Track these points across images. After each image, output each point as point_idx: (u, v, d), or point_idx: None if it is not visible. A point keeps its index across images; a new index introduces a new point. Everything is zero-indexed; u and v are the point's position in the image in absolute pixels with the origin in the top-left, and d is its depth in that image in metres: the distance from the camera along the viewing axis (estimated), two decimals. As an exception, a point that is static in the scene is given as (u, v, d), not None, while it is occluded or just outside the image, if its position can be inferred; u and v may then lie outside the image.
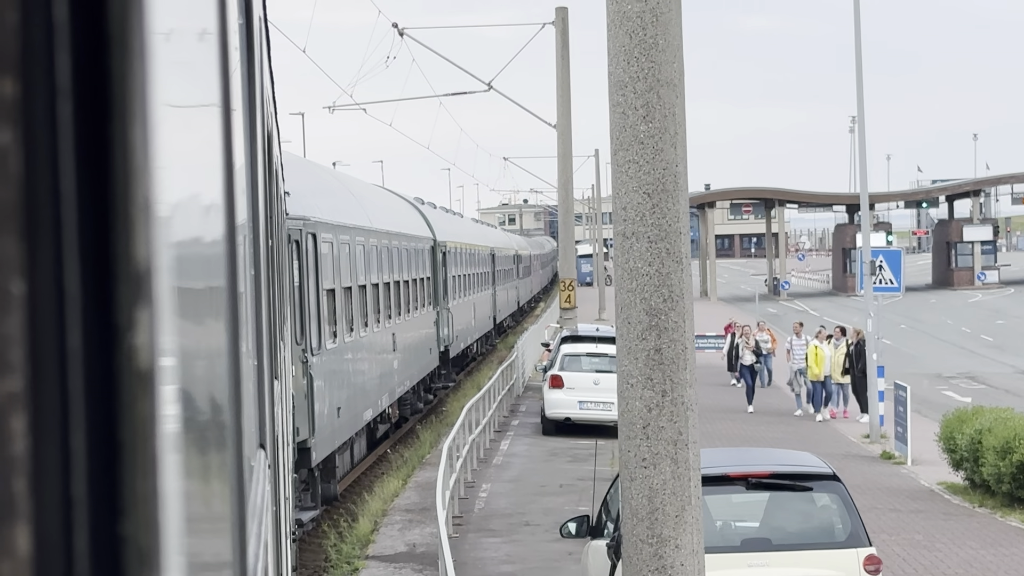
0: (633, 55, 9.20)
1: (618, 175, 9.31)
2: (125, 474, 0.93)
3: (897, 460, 28.00)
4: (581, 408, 31.31)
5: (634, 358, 9.16)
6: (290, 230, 19.67)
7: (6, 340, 0.87)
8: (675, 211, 9.19)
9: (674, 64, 9.25)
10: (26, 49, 0.87)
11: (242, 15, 3.41)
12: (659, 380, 9.09)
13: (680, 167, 9.24)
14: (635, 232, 9.17)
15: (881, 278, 31.99)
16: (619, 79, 9.28)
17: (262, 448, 4.23)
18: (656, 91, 9.16)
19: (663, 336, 9.11)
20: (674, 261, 9.19)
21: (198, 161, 1.56)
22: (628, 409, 9.19)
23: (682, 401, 9.13)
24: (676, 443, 9.08)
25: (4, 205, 0.86)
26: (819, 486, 13.14)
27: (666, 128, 9.18)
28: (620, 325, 9.31)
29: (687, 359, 9.19)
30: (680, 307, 9.18)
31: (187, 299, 1.31)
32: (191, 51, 1.47)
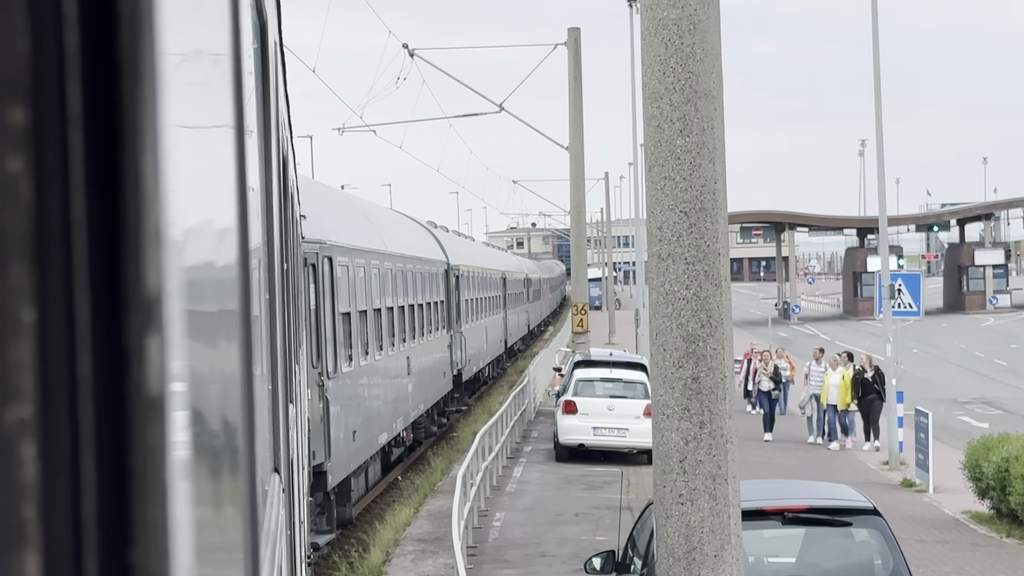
0: (669, 65, 8.71)
1: (653, 192, 8.82)
2: (135, 500, 0.93)
3: (918, 488, 27.54)
4: (595, 434, 30.84)
5: (670, 387, 8.67)
6: (306, 253, 19.73)
7: (17, 366, 0.87)
8: (714, 231, 8.70)
9: (712, 75, 8.77)
10: (37, 77, 0.87)
11: (257, 40, 3.42)
12: (697, 411, 8.60)
13: (719, 184, 8.75)
14: (671, 253, 8.69)
15: (900, 302, 31.64)
16: (654, 90, 8.79)
17: (276, 472, 4.23)
18: (694, 103, 8.68)
19: (701, 364, 8.62)
20: (713, 284, 8.68)
21: (211, 186, 1.56)
22: (664, 442, 8.69)
23: (721, 433, 8.62)
24: (715, 478, 8.61)
25: (15, 232, 0.87)
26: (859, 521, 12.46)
27: (704, 143, 8.68)
28: (655, 352, 8.81)
29: (726, 389, 8.70)
30: (719, 333, 8.68)
31: (199, 324, 1.31)
32: (203, 77, 1.47)
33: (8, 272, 0.87)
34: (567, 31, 38.63)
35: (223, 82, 1.82)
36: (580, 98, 38.50)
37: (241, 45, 2.22)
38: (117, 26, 0.92)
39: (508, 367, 61.88)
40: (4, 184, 0.86)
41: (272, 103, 4.35)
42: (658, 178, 8.75)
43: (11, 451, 0.87)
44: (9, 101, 0.86)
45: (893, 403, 30.41)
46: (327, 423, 20.71)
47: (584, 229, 40.81)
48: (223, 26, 1.85)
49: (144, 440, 0.94)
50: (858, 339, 75.41)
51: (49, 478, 0.88)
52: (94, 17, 0.91)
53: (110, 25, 0.92)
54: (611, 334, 76.47)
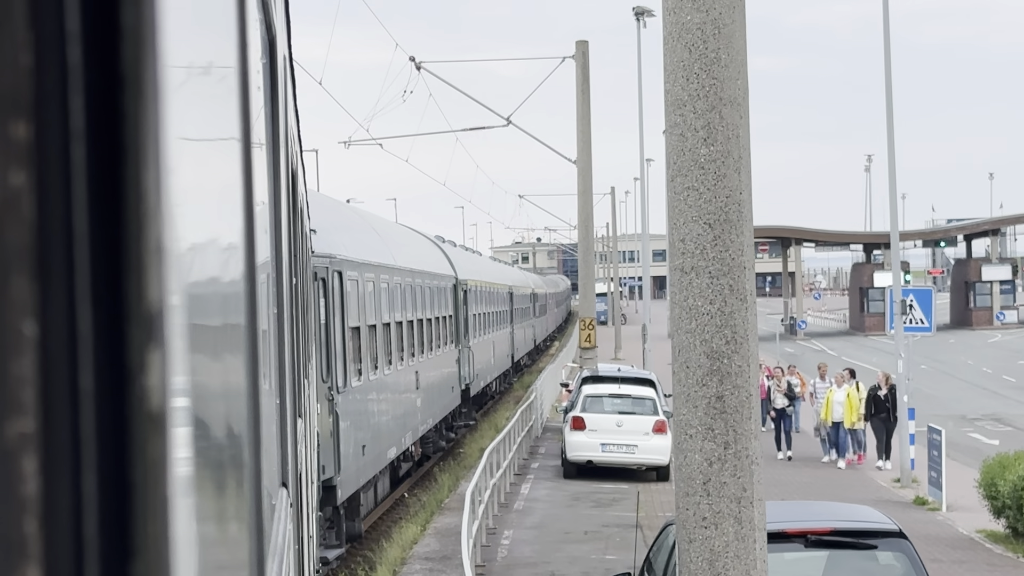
0: (693, 71, 8.38)
1: (675, 203, 8.46)
2: (136, 515, 0.93)
3: (931, 506, 27.24)
4: (604, 451, 30.46)
5: (693, 406, 8.31)
6: (316, 268, 19.75)
7: (18, 381, 0.87)
8: (739, 243, 8.38)
9: (738, 81, 8.42)
10: (40, 91, 0.87)
11: (266, 55, 3.42)
12: (721, 431, 8.25)
13: (744, 195, 8.41)
14: (695, 267, 8.35)
15: (911, 318, 31.34)
16: (677, 97, 8.44)
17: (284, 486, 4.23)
18: (718, 110, 8.33)
19: (725, 382, 8.27)
20: (738, 299, 8.35)
21: (216, 200, 1.56)
22: (687, 463, 8.34)
23: (746, 454, 8.29)
24: (740, 501, 8.27)
25: (17, 247, 0.87)
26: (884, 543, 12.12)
27: (729, 151, 8.34)
28: (678, 369, 8.46)
29: (752, 408, 8.35)
30: (744, 350, 8.35)
31: (202, 338, 1.31)
32: (208, 91, 1.47)
33: (10, 285, 0.87)
34: (575, 44, 38.36)
35: (229, 96, 1.82)
36: (588, 111, 38.27)
37: (248, 60, 2.22)
38: (120, 41, 0.92)
39: (514, 382, 61.85)
40: (7, 198, 0.86)
41: (281, 118, 4.35)
42: (681, 188, 8.44)
43: (13, 465, 0.87)
44: (12, 115, 0.86)
45: (905, 420, 30.11)
46: (337, 437, 20.71)
47: (592, 243, 40.51)
48: (229, 41, 1.85)
49: (145, 454, 0.94)
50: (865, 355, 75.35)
51: (50, 492, 0.88)
52: (97, 32, 0.91)
53: (113, 40, 0.92)
54: (617, 349, 76.37)
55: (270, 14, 3.47)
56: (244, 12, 2.13)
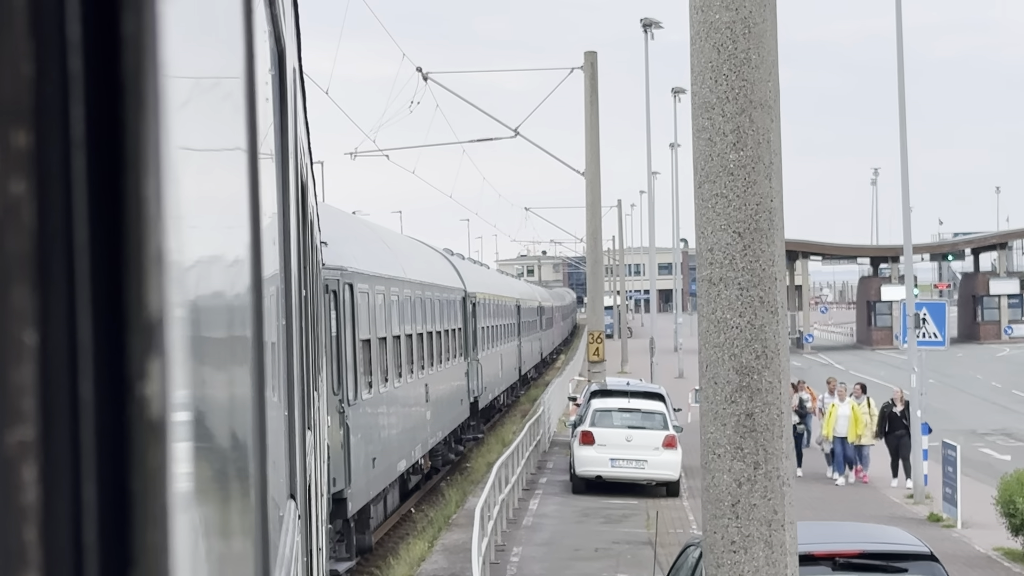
0: (722, 72, 8.03)
1: (703, 211, 8.11)
2: (136, 524, 0.93)
3: (946, 523, 26.70)
4: (613, 466, 30.12)
5: (721, 424, 7.96)
6: (327, 280, 19.79)
7: (18, 389, 0.87)
8: (770, 253, 8.02)
9: (769, 83, 8.08)
10: (40, 100, 0.87)
11: (275, 67, 3.43)
12: (751, 450, 7.91)
13: (776, 202, 8.07)
14: (723, 278, 8.01)
15: (925, 331, 30.67)
16: (705, 100, 8.10)
17: (292, 498, 4.23)
18: (748, 114, 7.99)
19: (755, 399, 7.92)
20: (768, 311, 7.98)
21: (221, 211, 1.56)
22: (714, 484, 8.01)
23: (777, 475, 7.93)
24: (770, 524, 7.91)
25: (17, 255, 0.87)
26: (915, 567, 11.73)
27: (760, 157, 7.99)
28: (705, 385, 8.14)
29: (783, 426, 8.00)
30: (775, 365, 7.98)
31: (206, 348, 1.31)
32: (213, 101, 1.47)
33: (10, 294, 0.87)
34: (584, 55, 37.91)
35: (235, 107, 1.82)
36: (596, 123, 37.91)
37: (255, 71, 2.23)
38: (120, 50, 0.92)
39: (521, 395, 61.82)
40: (7, 207, 0.87)
41: (290, 129, 4.36)
42: (709, 195, 8.10)
43: (12, 474, 0.87)
44: (12, 124, 0.87)
45: (918, 435, 29.66)
46: (347, 450, 20.72)
47: (601, 256, 39.99)
48: (235, 52, 1.86)
49: (145, 463, 0.94)
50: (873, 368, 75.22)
51: (50, 501, 0.88)
52: (97, 41, 0.91)
53: (113, 49, 0.92)
54: (624, 363, 76.26)
55: (279, 26, 3.47)
56: (251, 24, 2.14)
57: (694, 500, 29.18)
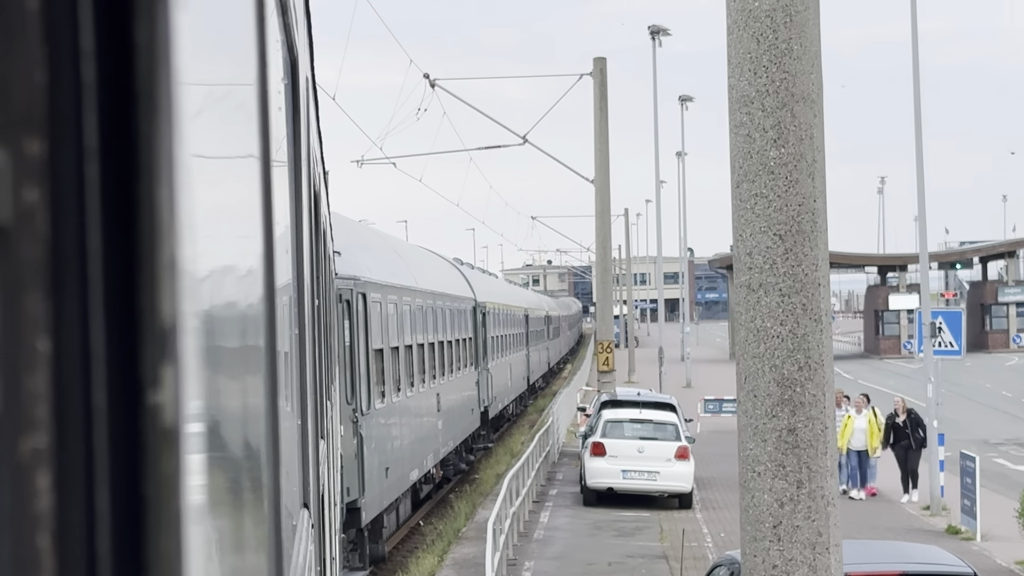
0: (761, 64, 7.61)
1: (741, 212, 7.69)
2: (149, 531, 0.94)
3: (965, 535, 26.07)
4: (624, 477, 29.65)
5: (761, 440, 7.53)
6: (341, 290, 19.83)
7: (32, 397, 0.87)
8: (813, 257, 7.57)
9: (811, 75, 7.63)
10: (54, 108, 0.88)
11: (288, 76, 3.44)
12: (794, 468, 7.48)
13: (819, 202, 7.62)
14: (763, 283, 7.59)
15: (941, 340, 30.12)
16: (743, 93, 7.67)
17: (306, 507, 4.23)
18: (790, 108, 7.56)
19: (798, 413, 7.49)
20: (812, 319, 7.54)
21: (234, 219, 1.56)
22: (754, 504, 7.57)
23: (822, 494, 7.50)
24: (815, 547, 7.47)
25: (31, 263, 0.87)
26: None
27: (802, 154, 7.56)
28: (743, 399, 7.69)
29: (827, 442, 7.56)
30: (819, 377, 7.53)
31: (219, 357, 1.31)
32: (226, 110, 1.48)
33: (24, 301, 0.87)
34: (593, 61, 37.72)
35: (248, 116, 1.83)
36: (606, 130, 37.56)
37: (268, 80, 2.23)
38: (134, 58, 0.93)
39: (529, 405, 61.78)
40: (21, 214, 0.87)
41: (303, 138, 4.37)
42: (747, 195, 7.66)
43: (26, 481, 0.87)
44: (26, 132, 0.87)
45: (935, 445, 29.09)
46: (361, 460, 20.75)
47: (610, 264, 39.76)
48: (248, 61, 1.86)
49: (158, 470, 0.94)
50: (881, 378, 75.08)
51: (63, 508, 0.88)
52: (110, 50, 0.92)
53: (127, 57, 0.93)
54: (631, 372, 76.04)
55: (292, 36, 3.48)
56: (264, 33, 2.15)
57: (707, 512, 29.01)
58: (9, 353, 0.86)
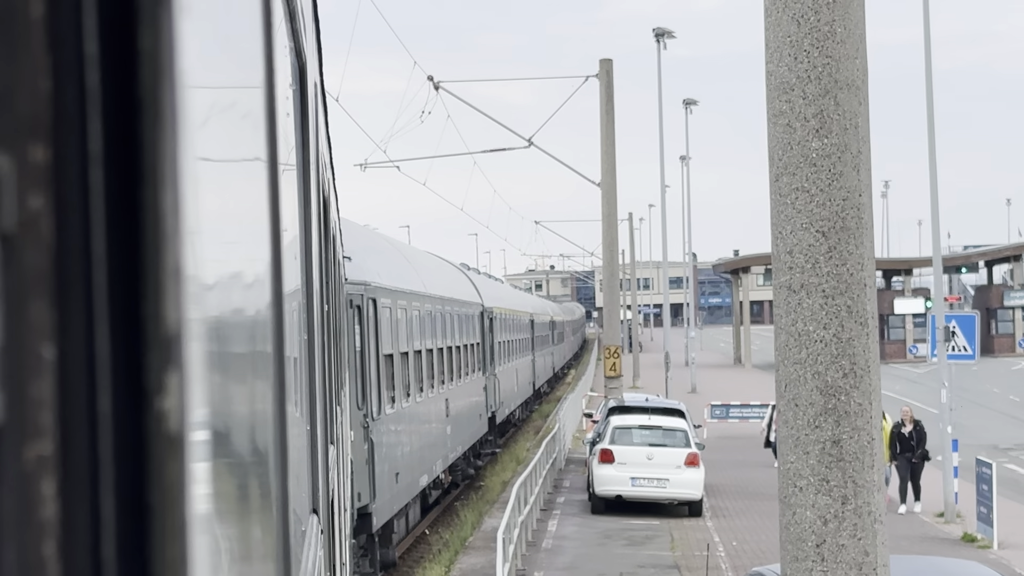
0: (802, 48, 7.14)
1: (781, 208, 7.27)
2: (155, 538, 0.93)
3: (982, 543, 25.61)
4: (634, 485, 29.18)
5: (803, 452, 7.09)
6: (351, 295, 19.86)
7: (37, 403, 0.87)
8: (858, 256, 7.13)
9: (856, 60, 7.17)
10: (58, 115, 0.88)
11: (296, 82, 3.44)
12: (838, 482, 7.05)
13: (864, 197, 7.19)
14: (805, 284, 7.16)
15: (955, 344, 29.57)
16: (782, 80, 7.22)
17: (315, 513, 4.23)
18: (833, 95, 7.11)
19: (843, 423, 7.05)
20: (857, 323, 7.11)
21: (241, 225, 1.56)
22: (796, 521, 7.13)
23: (868, 511, 7.08)
24: (861, 567, 7.08)
25: (36, 270, 0.87)
26: None
27: (846, 144, 7.11)
28: (784, 408, 7.26)
29: (874, 454, 7.13)
30: (865, 384, 7.10)
31: (226, 363, 1.31)
32: (233, 116, 1.48)
33: (29, 308, 0.87)
34: (599, 63, 37.40)
35: (255, 122, 1.83)
36: (612, 132, 37.32)
37: (275, 86, 2.23)
38: (138, 65, 0.93)
39: (534, 411, 61.74)
40: (26, 221, 0.87)
41: (312, 144, 4.37)
42: (788, 189, 7.23)
43: (31, 488, 0.87)
44: (31, 139, 0.87)
45: (948, 451, 28.62)
46: (372, 465, 20.76)
47: (617, 268, 39.18)
48: (255, 67, 1.86)
49: (164, 477, 0.94)
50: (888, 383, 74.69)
51: (69, 515, 0.88)
52: (115, 56, 0.92)
53: (131, 64, 0.93)
54: (636, 378, 75.93)
55: (300, 42, 3.49)
56: (272, 39, 2.15)
57: (717, 520, 28.77)
58: (14, 359, 0.86)
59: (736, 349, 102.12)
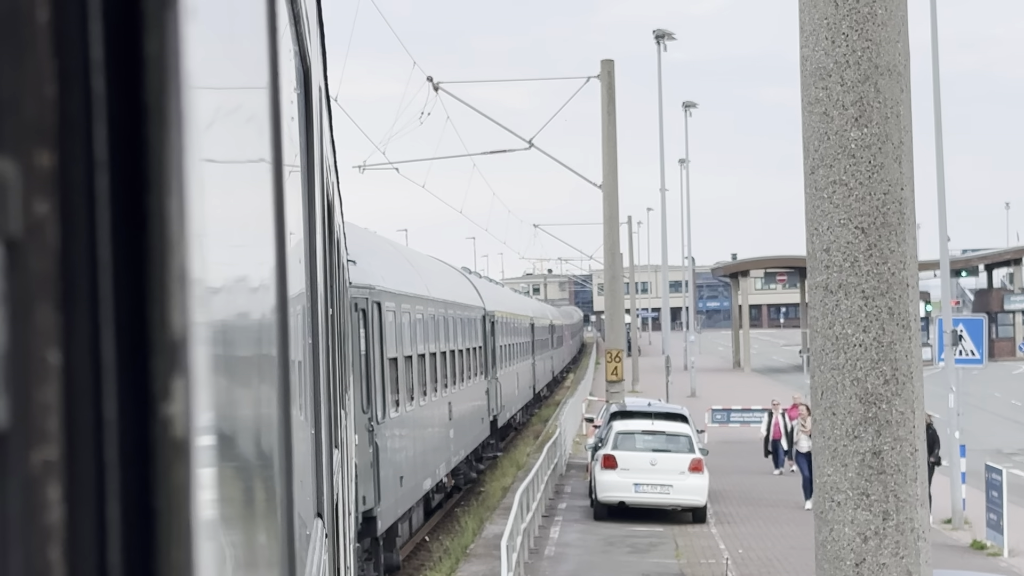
0: (840, 30, 6.71)
1: (817, 202, 6.85)
2: (160, 542, 0.94)
3: (991, 551, 25.17)
4: (637, 491, 28.81)
5: (841, 464, 6.71)
6: (356, 299, 19.89)
7: (42, 408, 0.87)
8: (900, 253, 6.75)
9: (898, 43, 6.75)
10: (64, 120, 0.88)
11: (300, 86, 3.44)
12: (879, 497, 6.67)
13: (907, 190, 6.80)
14: (843, 284, 6.75)
15: (962, 349, 29.30)
16: (818, 65, 6.79)
17: (319, 517, 4.23)
18: (873, 81, 6.69)
19: (884, 433, 6.68)
20: (899, 325, 6.72)
21: (246, 230, 1.56)
22: (833, 538, 6.73)
23: (911, 527, 6.68)
24: None
25: (41, 275, 0.87)
26: None
27: (888, 135, 6.72)
28: (820, 416, 6.87)
29: (917, 466, 6.73)
30: (908, 392, 6.70)
31: (231, 367, 1.31)
32: (238, 120, 1.48)
33: (34, 314, 0.87)
34: (600, 63, 37.23)
35: (260, 126, 1.83)
36: (614, 134, 37.09)
37: (280, 90, 2.24)
38: (143, 70, 0.93)
39: (534, 415, 61.70)
40: (31, 226, 0.87)
41: (316, 148, 4.37)
42: (824, 183, 6.82)
43: (37, 493, 0.87)
44: (36, 144, 0.87)
45: (956, 457, 28.34)
46: (377, 468, 20.77)
47: (619, 271, 38.84)
48: (260, 71, 1.86)
49: (169, 481, 0.94)
50: (889, 386, 74.80)
51: (74, 520, 0.88)
52: (120, 61, 0.92)
53: (136, 68, 0.93)
54: (635, 382, 75.72)
55: (304, 46, 3.49)
56: (276, 43, 2.15)
57: (722, 527, 28.48)
58: (20, 365, 0.86)
59: (735, 353, 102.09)
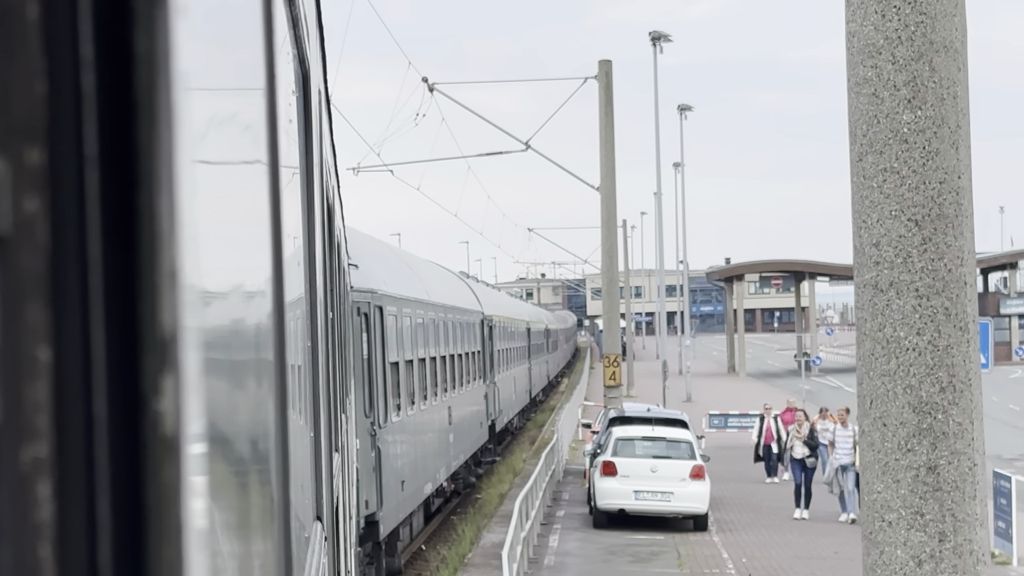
0: (891, 3, 6.16)
1: (865, 192, 6.28)
2: (151, 540, 0.93)
3: (1000, 559, 24.32)
4: (637, 498, 28.28)
5: (893, 480, 6.18)
6: (358, 303, 19.89)
7: (32, 406, 0.87)
8: (957, 248, 6.17)
9: (954, 17, 6.17)
10: (54, 117, 0.88)
11: (299, 88, 3.45)
12: (935, 516, 6.13)
13: (964, 179, 6.22)
14: (894, 282, 6.19)
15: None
16: (867, 41, 6.22)
17: (319, 520, 4.23)
18: (928, 59, 6.11)
19: (940, 446, 6.13)
20: (957, 328, 6.16)
21: (240, 230, 1.56)
22: (884, 561, 6.20)
23: (970, 549, 6.16)
24: None
25: (31, 272, 0.87)
26: None
27: (944, 118, 6.13)
28: (869, 427, 6.35)
29: (976, 483, 6.20)
30: (966, 400, 6.16)
31: (224, 366, 1.31)
32: (232, 120, 1.48)
33: (24, 311, 0.87)
34: (598, 63, 36.91)
35: (254, 127, 1.83)
36: (612, 135, 36.77)
37: (277, 91, 2.24)
38: (133, 67, 0.93)
39: (530, 419, 61.68)
40: (21, 224, 0.87)
41: (315, 151, 4.38)
42: (874, 171, 6.25)
43: (27, 490, 0.87)
44: (26, 142, 0.87)
45: None
46: (379, 472, 20.78)
47: (616, 275, 38.40)
48: (255, 72, 1.86)
49: (159, 479, 0.94)
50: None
51: (64, 518, 0.88)
52: (110, 59, 0.92)
53: (126, 66, 0.93)
54: (630, 386, 75.57)
55: (303, 49, 3.49)
56: (273, 45, 2.15)
57: (724, 535, 28.14)
58: (10, 362, 0.86)
59: (730, 358, 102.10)
